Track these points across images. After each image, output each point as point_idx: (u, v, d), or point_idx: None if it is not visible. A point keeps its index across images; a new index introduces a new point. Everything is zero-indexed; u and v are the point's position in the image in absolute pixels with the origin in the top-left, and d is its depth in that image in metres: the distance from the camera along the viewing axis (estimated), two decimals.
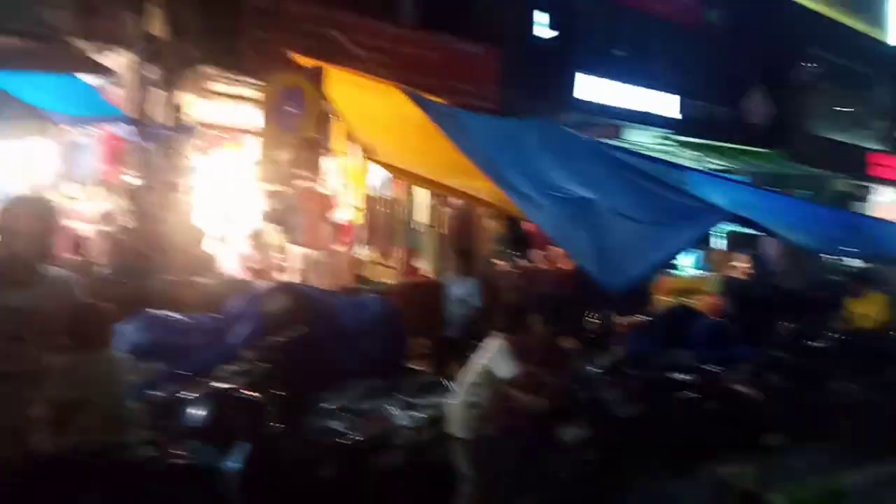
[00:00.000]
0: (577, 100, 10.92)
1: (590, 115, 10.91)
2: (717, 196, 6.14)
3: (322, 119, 6.63)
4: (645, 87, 11.68)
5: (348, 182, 7.66)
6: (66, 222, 6.50)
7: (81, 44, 7.02)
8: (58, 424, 2.68)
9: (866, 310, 7.60)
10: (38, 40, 6.55)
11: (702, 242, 8.94)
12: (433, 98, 7.20)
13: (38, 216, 2.59)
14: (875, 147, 17.18)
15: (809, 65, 14.48)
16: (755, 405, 6.32)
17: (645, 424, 5.37)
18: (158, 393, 3.87)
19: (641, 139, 11.78)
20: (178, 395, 3.69)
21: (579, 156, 6.59)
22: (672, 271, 9.52)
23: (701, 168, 10.05)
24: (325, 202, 7.77)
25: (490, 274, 8.00)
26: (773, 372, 6.71)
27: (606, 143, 8.07)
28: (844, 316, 7.78)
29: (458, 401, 4.18)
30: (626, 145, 10.89)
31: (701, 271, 9.83)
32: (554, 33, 10.98)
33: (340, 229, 8.04)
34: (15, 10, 6.46)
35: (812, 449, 6.07)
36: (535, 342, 4.31)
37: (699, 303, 8.42)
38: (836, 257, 9.40)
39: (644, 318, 7.61)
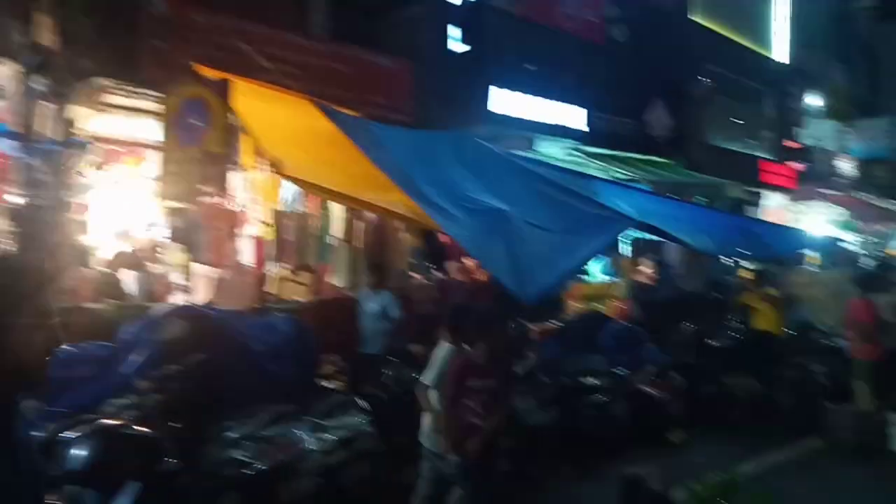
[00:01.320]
0: (491, 112, 11.09)
1: (503, 127, 11.08)
2: (624, 204, 6.40)
3: (228, 133, 6.42)
4: (555, 100, 12.01)
5: (257, 197, 7.46)
6: None
7: None
8: None
9: (761, 309, 8.08)
10: None
11: (610, 249, 9.24)
12: (345, 111, 7.15)
13: None
14: (764, 155, 18.46)
15: (705, 79, 15.39)
16: (660, 405, 6.63)
17: (556, 430, 5.49)
18: (35, 434, 3.57)
19: (552, 150, 12.09)
20: (57, 435, 3.38)
21: (493, 168, 6.69)
22: (583, 277, 9.81)
23: (608, 178, 10.42)
24: (232, 219, 7.52)
25: (405, 287, 7.98)
26: (677, 372, 7.05)
27: (519, 155, 8.22)
28: (742, 315, 8.24)
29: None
30: (537, 156, 11.15)
31: (609, 277, 10.15)
32: (467, 48, 11.13)
33: (249, 246, 7.80)
34: None
35: (713, 443, 6.44)
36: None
37: (608, 308, 8.68)
38: (732, 260, 9.94)
39: (556, 324, 7.79)
